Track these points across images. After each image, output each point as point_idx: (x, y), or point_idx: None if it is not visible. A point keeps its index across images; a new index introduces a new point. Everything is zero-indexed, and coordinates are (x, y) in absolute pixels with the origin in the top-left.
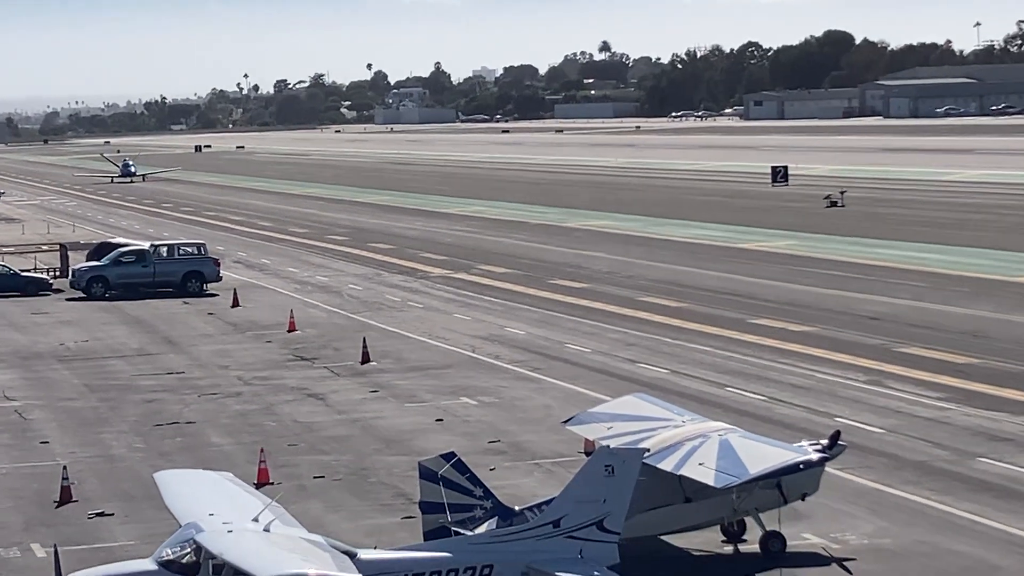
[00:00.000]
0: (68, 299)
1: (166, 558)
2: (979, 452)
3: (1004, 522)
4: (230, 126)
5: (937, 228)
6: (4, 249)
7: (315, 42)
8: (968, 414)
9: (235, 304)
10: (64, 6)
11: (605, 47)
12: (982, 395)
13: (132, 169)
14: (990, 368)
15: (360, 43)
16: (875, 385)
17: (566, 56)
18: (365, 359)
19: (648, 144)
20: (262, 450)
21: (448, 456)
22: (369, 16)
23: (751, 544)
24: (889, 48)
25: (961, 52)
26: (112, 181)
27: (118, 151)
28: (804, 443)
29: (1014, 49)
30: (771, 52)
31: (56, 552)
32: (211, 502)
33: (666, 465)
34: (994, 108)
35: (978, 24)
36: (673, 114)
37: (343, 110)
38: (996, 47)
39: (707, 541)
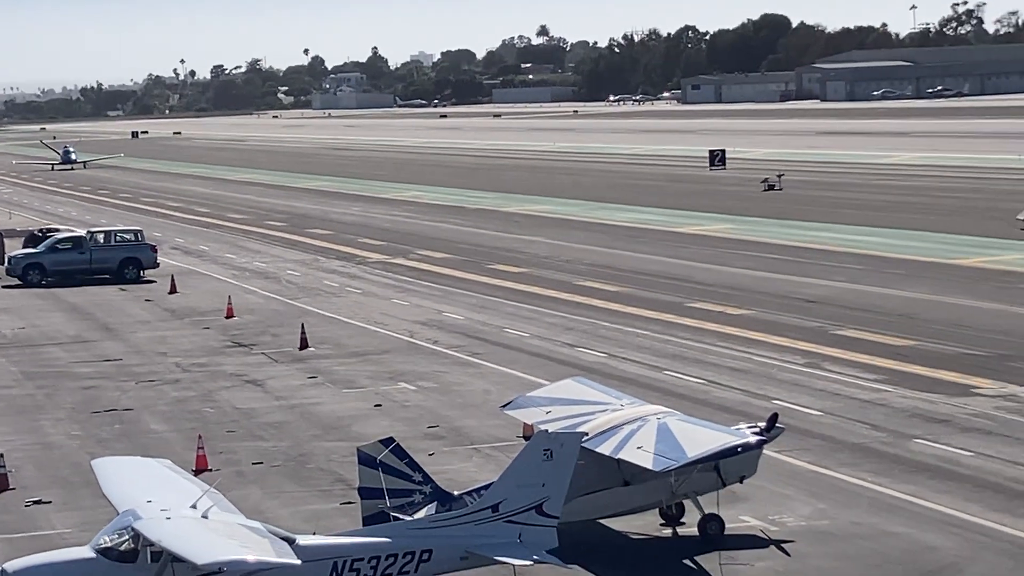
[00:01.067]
0: (4, 286)
1: (104, 545)
2: (915, 434)
3: (940, 503)
4: (167, 112)
5: (874, 211)
6: None
7: (252, 27)
8: (904, 396)
9: (173, 291)
10: None
11: (543, 31)
12: (918, 377)
13: (73, 156)
14: (926, 350)
15: (297, 28)
16: (812, 368)
17: (504, 40)
18: (303, 345)
19: (586, 128)
20: (200, 436)
21: (387, 441)
22: (306, 1)
23: (690, 527)
24: (826, 31)
25: (897, 35)
26: (52, 168)
27: (54, 137)
28: (742, 426)
29: (950, 32)
30: (708, 36)
31: None
32: (149, 489)
33: (605, 449)
34: (930, 91)
35: (914, 7)
36: (611, 98)
37: (280, 95)
38: (932, 30)
39: (646, 524)
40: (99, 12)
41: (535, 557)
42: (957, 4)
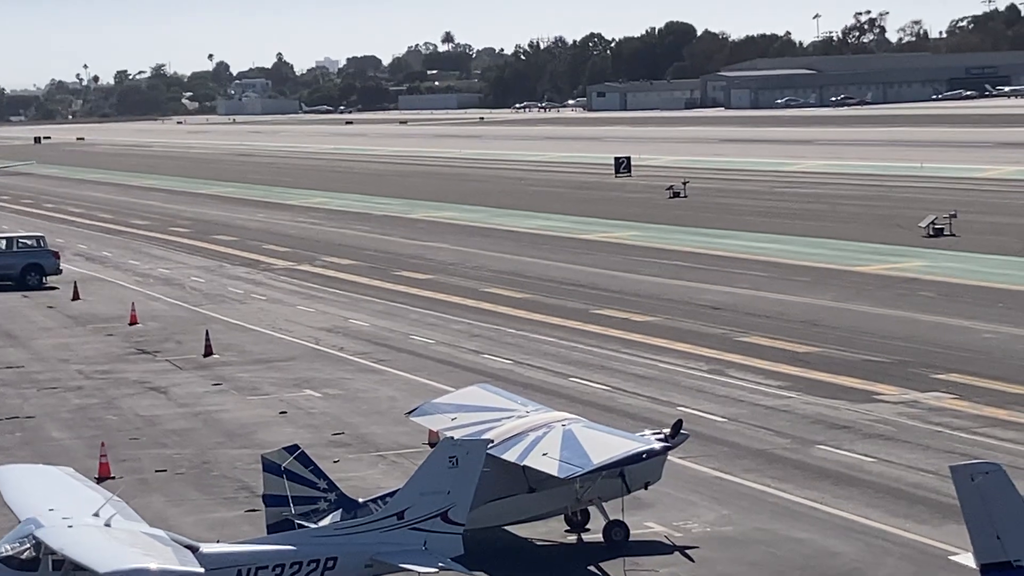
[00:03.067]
0: None
1: (5, 554)
2: (818, 440)
3: (843, 508)
4: (70, 117)
5: (777, 218)
6: None
7: (156, 32)
8: (808, 402)
9: (75, 297)
10: None
11: (448, 38)
12: (822, 383)
13: None
14: (829, 356)
15: (201, 33)
16: (716, 374)
17: (409, 47)
18: (208, 352)
19: (492, 135)
20: (103, 444)
21: (291, 449)
22: (210, 5)
23: (595, 533)
24: (730, 39)
25: (801, 43)
26: None
27: None
28: (647, 432)
29: (852, 40)
30: (614, 43)
31: None
32: (51, 497)
33: (510, 456)
34: (833, 99)
35: (817, 16)
36: (516, 105)
37: (185, 101)
38: (835, 39)
39: (551, 531)
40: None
41: (440, 564)
42: (860, 13)
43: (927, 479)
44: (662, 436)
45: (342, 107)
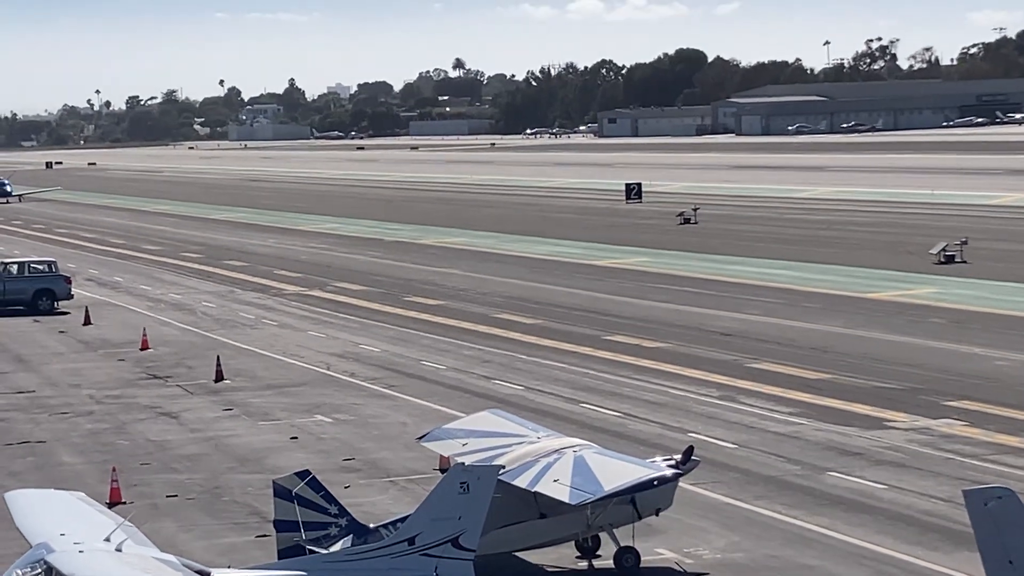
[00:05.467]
0: None
1: None
2: (829, 467)
3: (854, 535)
4: (82, 142)
5: (788, 244)
6: None
7: (167, 58)
8: (819, 429)
9: (87, 322)
10: None
11: (459, 64)
12: (832, 410)
13: (8, 189)
14: (840, 383)
15: (213, 59)
16: (728, 401)
17: (421, 73)
18: (219, 377)
19: (503, 161)
20: (114, 469)
21: (303, 474)
22: (222, 32)
23: (605, 560)
24: (741, 66)
25: (811, 70)
26: None
27: None
28: (658, 459)
29: (863, 67)
30: (625, 70)
31: None
32: (62, 522)
33: (521, 482)
34: (844, 126)
35: (828, 43)
36: (527, 131)
37: (196, 126)
38: (846, 65)
39: (561, 557)
40: (12, 42)
41: None
42: (871, 40)
43: (939, 506)
44: (673, 462)
45: (353, 133)
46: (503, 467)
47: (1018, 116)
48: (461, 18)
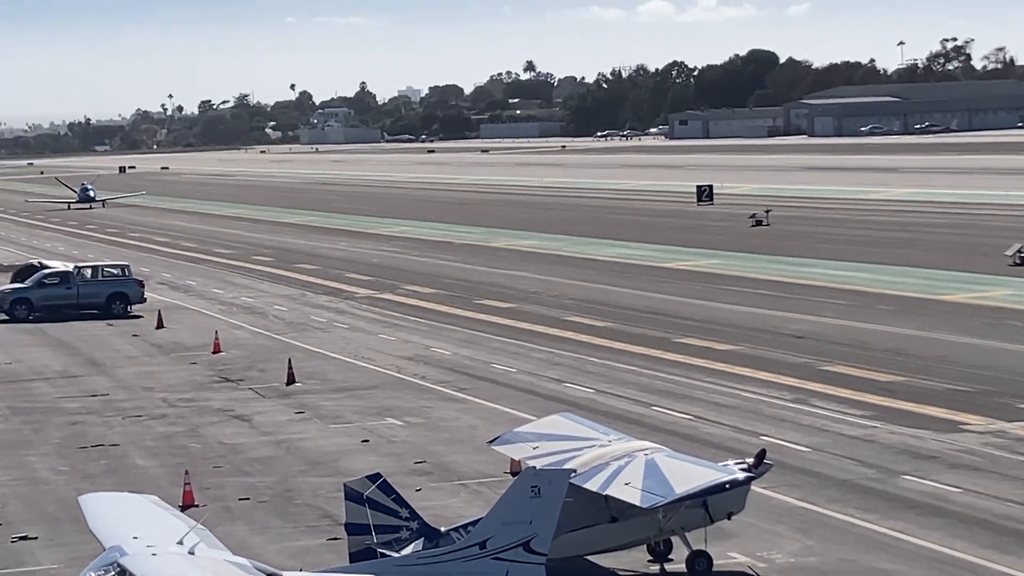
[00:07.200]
0: None
1: None
2: (903, 470)
3: (928, 539)
4: (154, 147)
5: (861, 246)
6: None
7: (239, 62)
8: (893, 432)
9: (159, 326)
10: None
11: (530, 67)
12: (906, 413)
13: (91, 194)
14: (914, 386)
15: (285, 63)
16: (800, 403)
17: (491, 76)
18: (290, 380)
19: (574, 163)
20: (187, 472)
21: (374, 477)
22: (293, 36)
23: (677, 563)
24: (813, 67)
25: (885, 71)
26: (69, 208)
27: (41, 172)
28: (730, 462)
29: (937, 68)
30: (696, 71)
31: None
32: (135, 525)
33: (592, 485)
34: (917, 127)
35: (902, 43)
36: (598, 133)
37: (268, 130)
38: (919, 66)
39: (633, 561)
40: (87, 47)
41: None
42: (946, 40)
43: (1014, 510)
44: (746, 466)
45: (424, 136)
46: (574, 471)
47: None
48: (531, 21)
